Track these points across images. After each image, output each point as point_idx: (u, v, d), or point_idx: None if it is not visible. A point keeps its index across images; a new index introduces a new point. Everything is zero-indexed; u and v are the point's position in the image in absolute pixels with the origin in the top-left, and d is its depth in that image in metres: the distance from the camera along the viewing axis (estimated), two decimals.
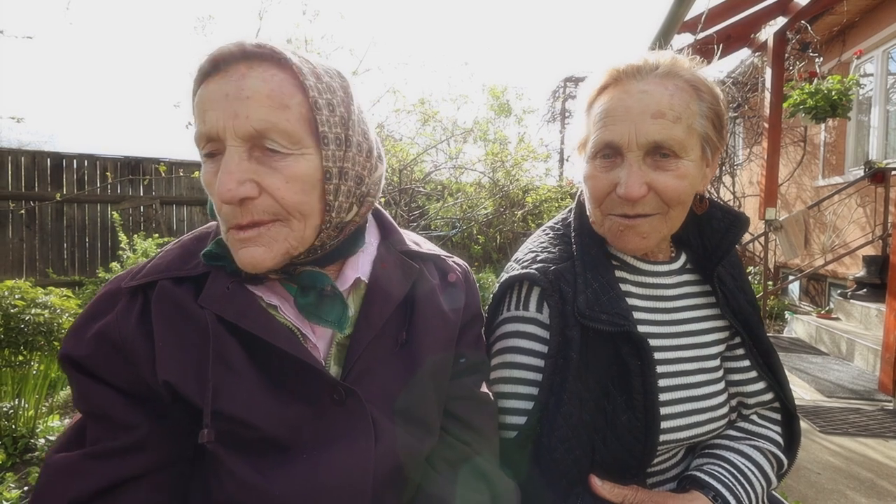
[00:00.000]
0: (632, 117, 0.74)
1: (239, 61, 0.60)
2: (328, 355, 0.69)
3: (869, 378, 3.35)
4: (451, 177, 5.29)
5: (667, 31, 3.38)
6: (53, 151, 5.82)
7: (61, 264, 5.74)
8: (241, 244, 0.62)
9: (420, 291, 0.74)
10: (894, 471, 2.20)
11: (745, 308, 0.88)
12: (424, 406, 0.71)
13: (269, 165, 0.60)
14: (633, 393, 0.76)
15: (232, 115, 0.58)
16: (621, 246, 0.82)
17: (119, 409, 0.61)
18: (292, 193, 0.61)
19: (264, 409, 0.62)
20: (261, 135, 0.59)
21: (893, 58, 5.09)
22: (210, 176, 0.62)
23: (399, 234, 0.81)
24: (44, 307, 2.39)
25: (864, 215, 5.13)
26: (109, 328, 0.62)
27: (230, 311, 0.63)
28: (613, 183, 0.77)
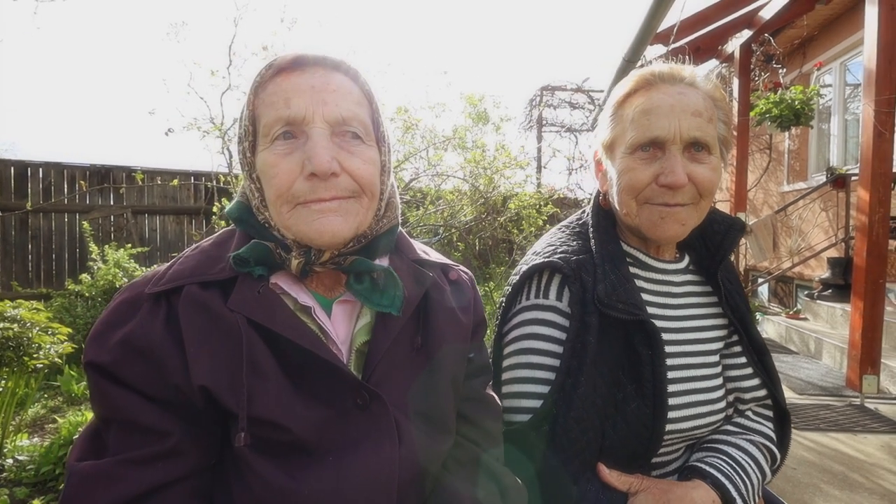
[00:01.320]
0: (675, 114, 0.81)
1: (317, 65, 0.68)
2: (349, 362, 0.71)
3: (837, 375, 3.49)
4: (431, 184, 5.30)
5: (640, 41, 3.49)
6: (17, 160, 5.61)
7: (26, 277, 5.50)
8: (319, 215, 0.65)
9: (433, 297, 0.77)
10: (864, 463, 2.29)
11: (741, 308, 0.94)
12: (442, 407, 0.73)
13: (348, 150, 0.67)
14: (644, 381, 0.81)
15: (321, 102, 0.65)
16: (659, 233, 0.86)
17: (150, 416, 0.61)
18: (369, 174, 0.69)
19: (293, 411, 0.63)
20: (345, 121, 0.67)
21: (850, 70, 5.36)
22: (278, 157, 0.65)
23: (410, 243, 0.84)
24: (12, 321, 2.29)
25: (827, 219, 5.36)
26: (135, 335, 0.62)
27: (261, 314, 0.64)
28: (655, 174, 0.83)
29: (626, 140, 0.85)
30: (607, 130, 0.89)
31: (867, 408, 2.95)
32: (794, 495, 2.02)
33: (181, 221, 5.97)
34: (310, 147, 0.64)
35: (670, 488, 0.80)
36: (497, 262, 6.04)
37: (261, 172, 0.67)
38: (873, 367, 3.08)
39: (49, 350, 2.37)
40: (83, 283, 4.13)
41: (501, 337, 0.92)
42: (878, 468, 2.25)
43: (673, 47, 4.27)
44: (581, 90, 8.87)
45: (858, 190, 3.17)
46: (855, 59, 5.20)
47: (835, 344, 3.75)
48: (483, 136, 5.66)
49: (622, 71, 4.16)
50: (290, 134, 0.66)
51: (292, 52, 0.68)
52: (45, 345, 2.35)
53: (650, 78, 0.85)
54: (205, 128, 4.15)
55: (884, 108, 2.98)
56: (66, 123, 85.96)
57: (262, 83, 0.68)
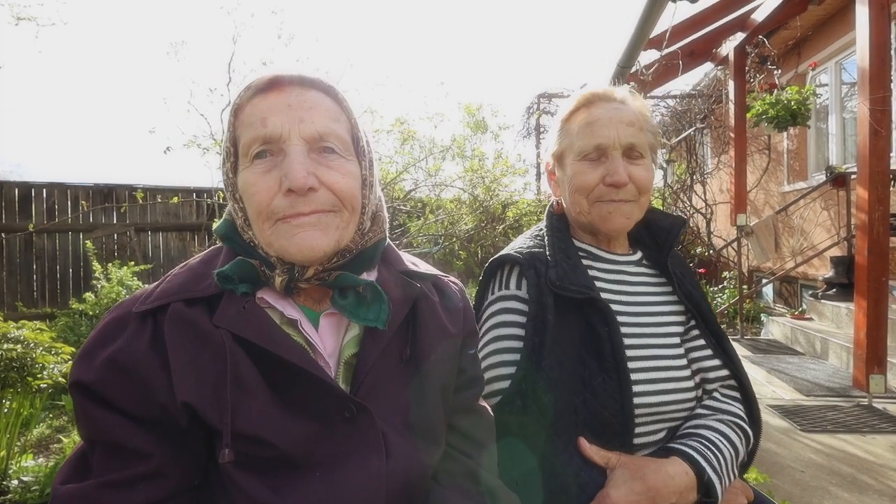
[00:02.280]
0: (614, 124, 0.97)
1: (294, 84, 0.69)
2: (336, 374, 0.71)
3: (844, 375, 3.46)
4: (430, 194, 5.33)
5: (634, 47, 3.52)
6: (21, 181, 5.68)
7: (31, 297, 5.55)
8: (298, 229, 0.66)
9: (421, 309, 0.77)
10: (873, 465, 2.26)
11: (694, 294, 1.05)
12: (431, 419, 0.74)
13: (326, 164, 0.68)
14: (605, 357, 0.90)
15: (297, 120, 0.67)
16: (609, 226, 1.00)
17: (131, 437, 0.61)
18: (348, 187, 0.70)
19: (279, 427, 0.63)
20: (322, 137, 0.68)
21: (846, 68, 5.37)
22: (257, 176, 0.67)
23: (398, 255, 0.84)
24: (16, 342, 2.31)
25: (828, 218, 5.35)
26: (120, 353, 0.62)
27: (247, 330, 0.64)
28: (601, 175, 0.97)
29: (574, 149, 1.00)
30: (556, 143, 1.04)
31: (875, 408, 2.92)
32: (802, 499, 2.00)
33: (183, 238, 6.02)
34: (286, 164, 0.66)
35: (646, 463, 0.86)
36: None
37: (242, 192, 0.69)
38: (880, 366, 3.05)
39: (53, 370, 2.39)
40: (87, 302, 4.16)
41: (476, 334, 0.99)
42: (887, 469, 2.22)
43: (667, 52, 4.30)
44: None
45: (857, 188, 3.16)
46: (850, 57, 5.21)
47: (841, 344, 3.72)
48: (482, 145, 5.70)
49: (617, 77, 4.18)
50: (267, 152, 0.67)
51: (269, 72, 0.70)
52: (48, 365, 2.36)
53: (590, 97, 1.01)
54: (205, 144, 4.20)
55: (879, 107, 2.98)
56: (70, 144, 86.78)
57: (240, 105, 0.69)
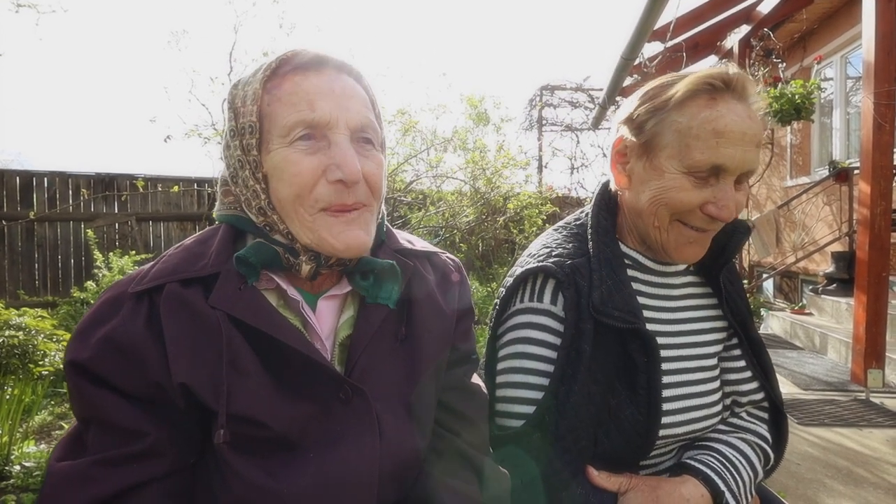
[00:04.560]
0: (744, 143, 0.75)
1: (335, 68, 0.68)
2: (332, 356, 0.71)
3: (842, 370, 3.46)
4: (432, 186, 5.32)
5: (638, 39, 3.49)
6: (22, 170, 5.67)
7: (33, 285, 5.56)
8: (345, 227, 0.66)
9: (416, 288, 0.76)
10: (869, 458, 2.28)
11: (742, 310, 0.92)
12: (424, 399, 0.73)
13: (364, 154, 0.67)
14: (638, 388, 0.79)
15: (344, 108, 0.65)
16: (683, 256, 0.83)
17: (127, 416, 0.61)
18: (380, 178, 0.70)
19: (273, 408, 0.63)
20: (363, 128, 0.67)
21: (851, 62, 5.33)
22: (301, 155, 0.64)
23: (393, 234, 0.82)
24: (18, 329, 2.33)
25: (830, 213, 5.33)
26: (116, 332, 0.61)
27: (242, 311, 0.64)
28: (704, 200, 0.77)
29: (683, 155, 0.77)
30: (650, 128, 0.80)
31: (872, 402, 2.93)
32: (797, 491, 2.01)
33: (185, 227, 6.01)
34: (337, 152, 0.64)
35: (659, 484, 0.80)
36: (500, 262, 6.05)
37: (277, 171, 0.65)
38: (878, 361, 3.06)
39: (54, 357, 2.40)
40: (88, 291, 4.18)
41: (496, 339, 0.90)
42: (883, 463, 2.23)
43: (671, 44, 4.27)
44: (581, 89, 8.87)
45: (860, 183, 3.15)
46: (856, 51, 5.17)
47: (840, 339, 3.73)
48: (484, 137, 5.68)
49: (620, 69, 4.16)
50: (309, 136, 0.65)
51: (312, 49, 0.67)
52: (50, 352, 2.38)
53: (717, 84, 0.76)
54: (206, 134, 4.18)
55: (883, 101, 2.96)
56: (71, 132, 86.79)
57: (274, 78, 0.66)
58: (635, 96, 0.85)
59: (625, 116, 0.85)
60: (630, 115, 0.83)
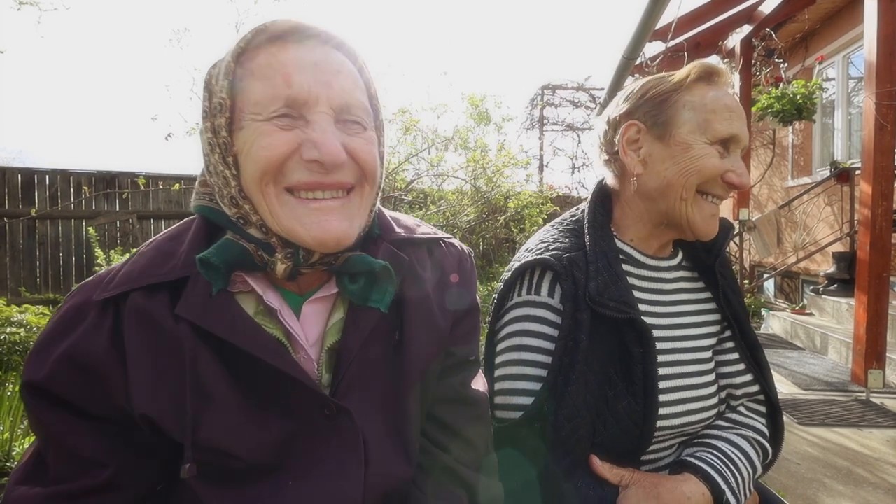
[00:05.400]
0: (742, 120, 0.85)
1: (311, 36, 0.60)
2: (319, 363, 0.65)
3: (842, 370, 3.46)
4: (433, 185, 5.32)
5: (639, 39, 3.49)
6: (24, 167, 5.68)
7: (34, 282, 5.57)
8: (318, 215, 0.58)
9: (410, 286, 0.69)
10: (869, 458, 2.28)
11: (733, 302, 0.94)
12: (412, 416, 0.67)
13: (351, 134, 0.61)
14: (634, 379, 0.81)
15: (325, 84, 0.58)
16: (708, 228, 0.87)
17: (87, 444, 0.56)
18: (373, 157, 0.62)
19: (245, 436, 0.57)
20: (348, 108, 0.60)
21: (853, 62, 5.32)
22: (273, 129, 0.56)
23: (387, 220, 0.74)
24: (19, 325, 2.33)
25: (832, 213, 5.33)
26: (77, 349, 0.55)
27: (211, 322, 0.57)
28: (725, 169, 0.84)
29: (706, 128, 0.83)
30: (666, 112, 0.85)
31: (873, 403, 2.92)
32: (797, 490, 2.01)
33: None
34: (315, 131, 0.57)
35: (660, 481, 0.80)
36: (500, 261, 6.05)
37: (245, 149, 0.57)
38: (878, 361, 3.06)
39: None
40: None
41: (494, 333, 0.91)
42: (883, 463, 2.23)
43: (672, 44, 4.27)
44: (583, 88, 8.86)
45: (861, 183, 3.15)
46: (858, 51, 5.16)
47: (840, 339, 3.72)
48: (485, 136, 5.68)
49: (622, 68, 4.15)
50: (285, 115, 0.57)
51: (287, 19, 0.59)
52: None
53: (711, 71, 0.86)
54: None
55: (885, 101, 2.96)
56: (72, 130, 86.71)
57: (249, 50, 0.58)
58: (626, 93, 0.91)
59: (626, 110, 0.89)
60: (635, 105, 0.88)
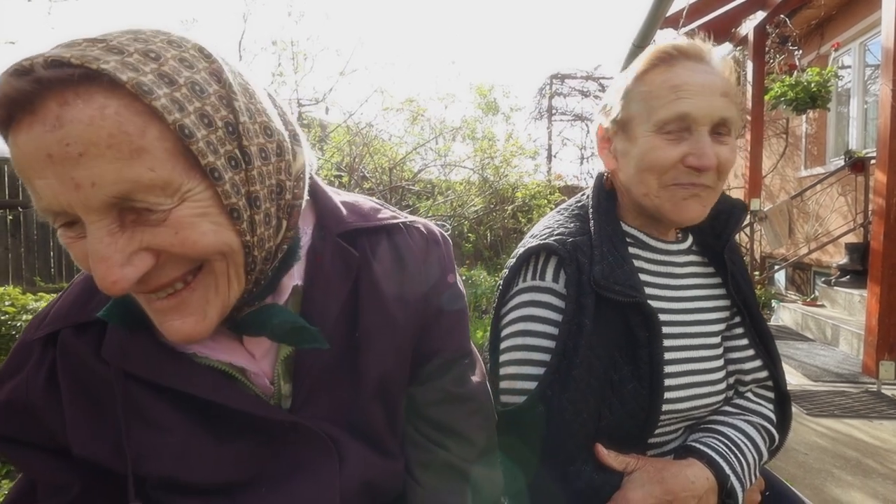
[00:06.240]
0: (706, 93, 0.79)
1: (42, 97, 0.41)
2: (274, 376, 0.61)
3: (853, 362, 3.43)
4: (440, 175, 5.32)
5: (650, 26, 3.44)
6: None
7: (48, 272, 5.66)
8: (162, 317, 0.50)
9: (365, 285, 0.63)
10: (879, 449, 2.26)
11: (744, 288, 0.93)
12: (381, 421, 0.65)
13: (152, 224, 0.45)
14: (640, 363, 0.80)
15: (72, 187, 0.42)
16: (683, 215, 0.84)
17: (46, 471, 0.58)
18: (194, 242, 0.46)
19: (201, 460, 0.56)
20: (124, 199, 0.43)
21: (870, 50, 5.20)
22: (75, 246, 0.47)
23: (335, 209, 0.65)
24: (34, 313, 2.37)
25: (845, 204, 5.25)
26: (17, 392, 0.56)
27: (138, 366, 0.55)
28: (682, 154, 0.80)
29: (650, 117, 0.81)
30: (620, 107, 0.85)
31: (884, 394, 2.90)
32: (805, 480, 2.01)
33: None
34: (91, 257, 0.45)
35: (665, 466, 0.80)
36: (508, 252, 6.05)
37: None
38: (891, 352, 3.03)
39: None
40: None
41: (499, 319, 0.91)
42: (893, 454, 2.22)
43: (683, 31, 4.20)
44: (592, 77, 8.78)
45: (876, 173, 3.10)
46: (875, 38, 5.04)
47: (852, 330, 3.69)
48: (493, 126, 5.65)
49: (632, 56, 4.10)
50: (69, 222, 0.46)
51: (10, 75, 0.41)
52: None
53: (672, 52, 0.81)
54: None
55: None
56: None
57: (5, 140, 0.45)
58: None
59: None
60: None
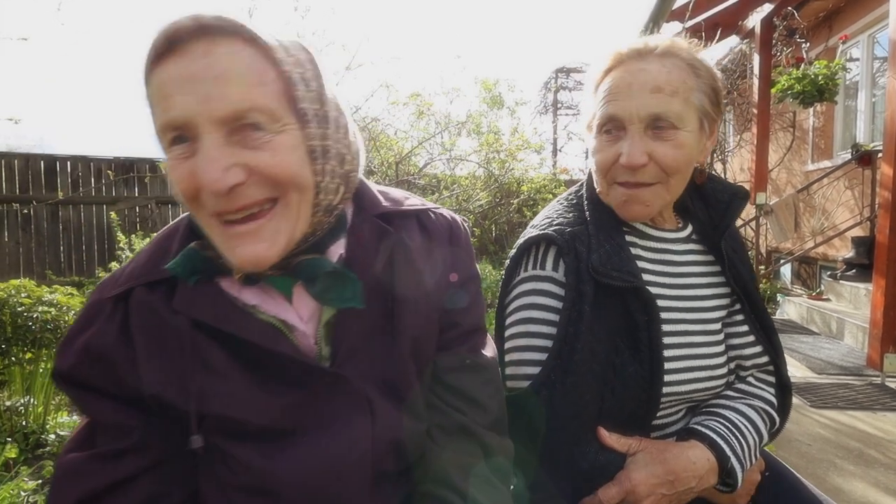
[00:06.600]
0: (633, 93, 0.82)
1: (198, 38, 0.54)
2: (318, 337, 0.68)
3: (858, 355, 3.44)
4: (445, 169, 5.34)
5: (656, 19, 3.43)
6: (47, 154, 5.82)
7: (58, 266, 5.75)
8: (236, 241, 0.57)
9: (399, 259, 0.70)
10: (881, 440, 2.28)
11: (745, 277, 0.95)
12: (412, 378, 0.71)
13: (252, 146, 0.55)
14: (640, 346, 0.83)
15: (204, 99, 0.53)
16: (625, 214, 0.89)
17: (113, 416, 0.63)
18: (286, 166, 0.57)
19: (252, 405, 0.62)
20: (239, 116, 0.54)
21: (879, 42, 5.16)
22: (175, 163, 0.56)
23: (372, 195, 0.74)
24: (50, 305, 2.42)
25: (852, 197, 5.23)
26: (93, 341, 0.62)
27: (205, 314, 0.62)
28: (618, 154, 0.84)
29: (593, 120, 0.88)
30: (588, 109, 0.90)
31: (888, 386, 2.91)
32: (807, 470, 2.03)
33: None
34: (199, 158, 0.54)
35: (667, 447, 0.83)
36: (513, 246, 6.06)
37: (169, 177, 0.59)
38: (895, 345, 3.04)
39: None
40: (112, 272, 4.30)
41: (503, 308, 0.94)
42: (895, 444, 2.24)
43: (690, 24, 4.18)
44: None
45: (882, 166, 3.09)
46: (884, 30, 4.99)
47: (857, 324, 3.69)
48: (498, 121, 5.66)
49: None
50: (182, 138, 0.55)
51: (167, 25, 0.54)
52: None
53: (619, 56, 0.85)
54: None
55: None
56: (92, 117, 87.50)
57: (147, 77, 0.56)
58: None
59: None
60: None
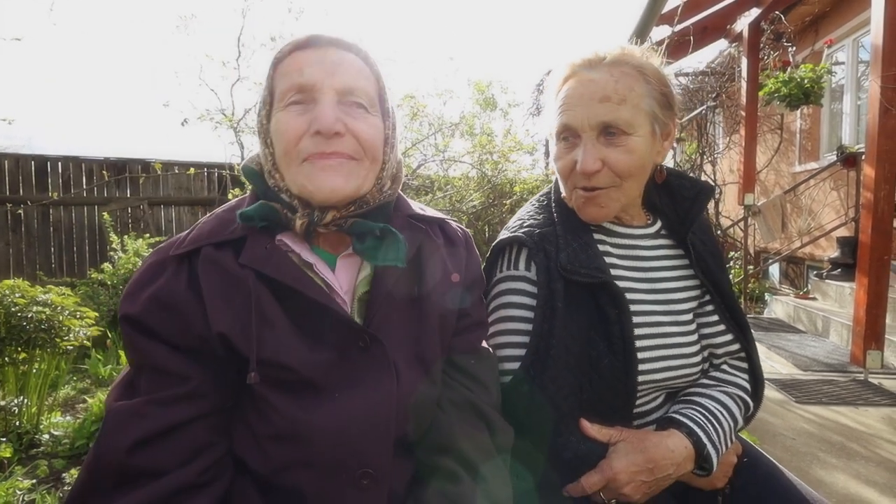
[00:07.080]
0: (583, 103, 0.87)
1: (330, 45, 0.76)
2: (352, 309, 0.79)
3: (842, 352, 3.52)
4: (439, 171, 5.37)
5: (645, 23, 3.49)
6: (37, 154, 5.77)
7: (49, 267, 5.70)
8: (321, 171, 0.72)
9: (427, 251, 0.83)
10: (863, 434, 2.35)
11: (714, 270, 0.99)
12: (432, 352, 0.81)
13: (353, 115, 0.75)
14: (613, 339, 0.87)
15: (330, 73, 0.74)
16: (584, 216, 0.94)
17: (174, 363, 0.70)
18: (372, 137, 0.76)
19: (298, 354, 0.71)
20: (351, 91, 0.75)
21: (864, 46, 5.27)
22: (289, 116, 0.73)
23: (406, 202, 0.90)
24: (44, 305, 2.42)
25: (837, 198, 5.33)
26: (162, 291, 0.71)
27: (269, 268, 0.72)
28: (574, 160, 0.89)
29: (552, 129, 0.93)
30: (550, 117, 0.94)
31: (870, 382, 2.99)
32: (791, 463, 2.09)
33: (196, 212, 6.10)
34: (317, 109, 0.72)
35: (647, 437, 0.87)
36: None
37: (273, 133, 0.75)
38: (877, 342, 3.11)
39: (79, 333, 2.51)
40: (105, 272, 4.29)
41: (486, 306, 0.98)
42: (877, 438, 2.30)
43: (679, 28, 4.25)
44: None
45: (864, 167, 3.17)
46: (868, 35, 5.09)
47: (842, 322, 3.77)
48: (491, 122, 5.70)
49: None
50: (302, 101, 0.74)
51: (309, 32, 0.77)
52: (74, 328, 2.48)
53: (572, 66, 0.91)
54: (216, 119, 4.25)
55: (890, 85, 2.96)
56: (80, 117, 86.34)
57: (280, 58, 0.76)
58: None
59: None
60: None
